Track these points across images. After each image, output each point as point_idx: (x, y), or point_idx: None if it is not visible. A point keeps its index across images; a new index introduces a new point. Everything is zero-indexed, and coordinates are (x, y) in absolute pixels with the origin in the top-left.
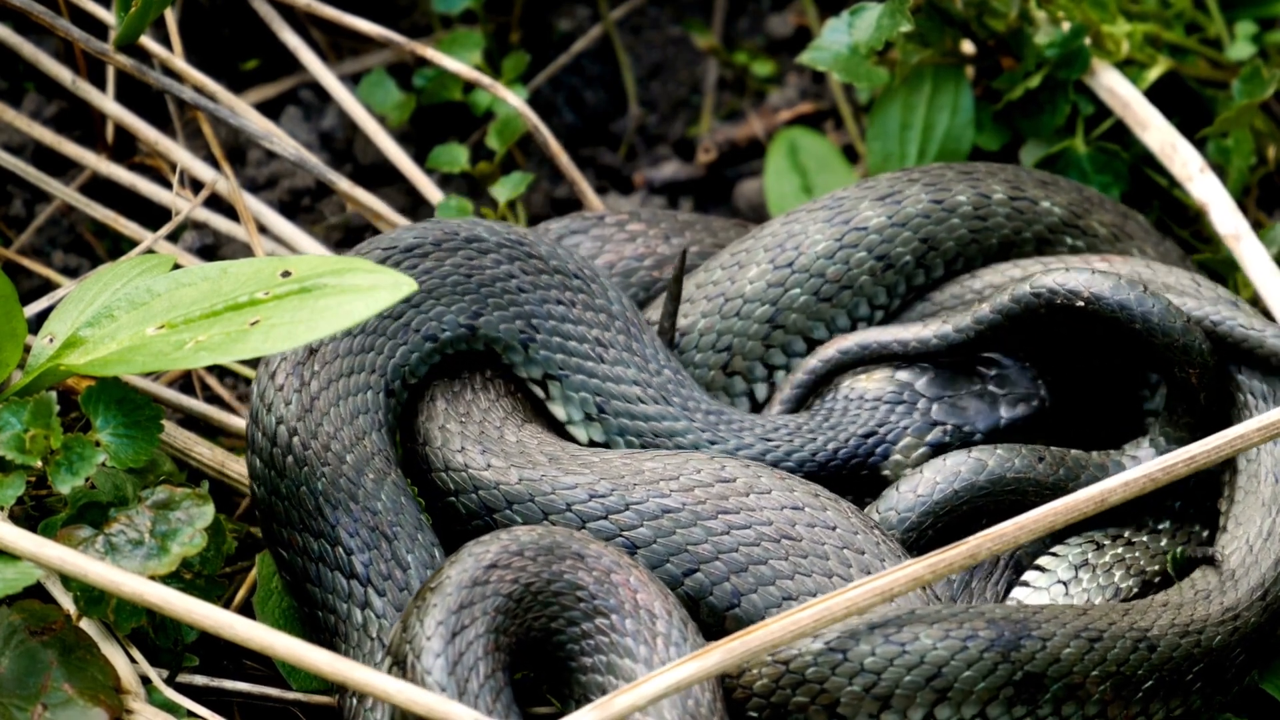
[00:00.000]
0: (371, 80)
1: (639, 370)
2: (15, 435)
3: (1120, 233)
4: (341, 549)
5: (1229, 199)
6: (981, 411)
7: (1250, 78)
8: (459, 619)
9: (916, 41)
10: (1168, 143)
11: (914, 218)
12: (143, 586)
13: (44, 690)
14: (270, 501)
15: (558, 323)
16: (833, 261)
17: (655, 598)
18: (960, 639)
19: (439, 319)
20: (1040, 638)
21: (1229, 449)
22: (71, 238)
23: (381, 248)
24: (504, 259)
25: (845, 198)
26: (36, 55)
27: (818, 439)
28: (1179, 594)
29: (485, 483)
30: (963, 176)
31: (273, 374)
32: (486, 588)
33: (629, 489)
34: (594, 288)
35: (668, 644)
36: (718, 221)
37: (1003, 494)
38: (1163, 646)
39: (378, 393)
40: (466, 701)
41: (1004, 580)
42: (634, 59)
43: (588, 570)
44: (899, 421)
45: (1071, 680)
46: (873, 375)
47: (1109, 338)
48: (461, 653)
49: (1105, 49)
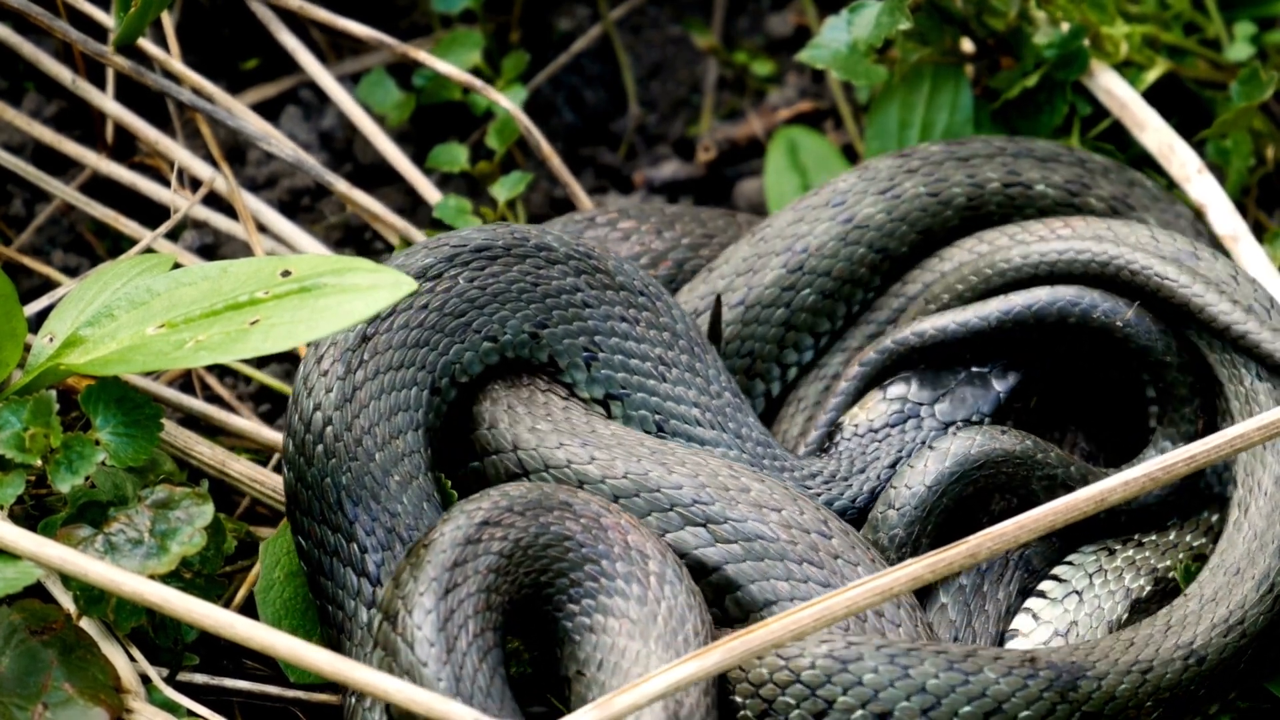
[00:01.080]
0: (371, 80)
1: (699, 392)
2: (15, 434)
3: (1122, 205)
4: (356, 546)
5: (1227, 200)
6: (979, 394)
7: (1248, 80)
8: (451, 576)
9: (916, 40)
10: (1165, 144)
11: (911, 212)
12: (142, 586)
13: (44, 689)
14: (296, 488)
15: (621, 340)
16: (838, 260)
17: (647, 539)
18: (1021, 677)
19: (501, 322)
20: (1095, 677)
21: (1229, 448)
22: (71, 237)
23: (451, 245)
24: (571, 271)
25: (847, 192)
26: (36, 55)
27: (852, 485)
28: (1212, 585)
29: (591, 477)
30: (960, 165)
31: (320, 357)
32: (479, 545)
33: (732, 503)
34: (658, 305)
35: (661, 582)
36: (705, 212)
37: (1000, 472)
38: (1210, 655)
39: (422, 390)
40: (454, 660)
41: (1015, 582)
42: (634, 58)
43: (576, 519)
44: (913, 438)
45: (1127, 715)
46: (865, 405)
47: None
48: (453, 610)
49: (1104, 50)
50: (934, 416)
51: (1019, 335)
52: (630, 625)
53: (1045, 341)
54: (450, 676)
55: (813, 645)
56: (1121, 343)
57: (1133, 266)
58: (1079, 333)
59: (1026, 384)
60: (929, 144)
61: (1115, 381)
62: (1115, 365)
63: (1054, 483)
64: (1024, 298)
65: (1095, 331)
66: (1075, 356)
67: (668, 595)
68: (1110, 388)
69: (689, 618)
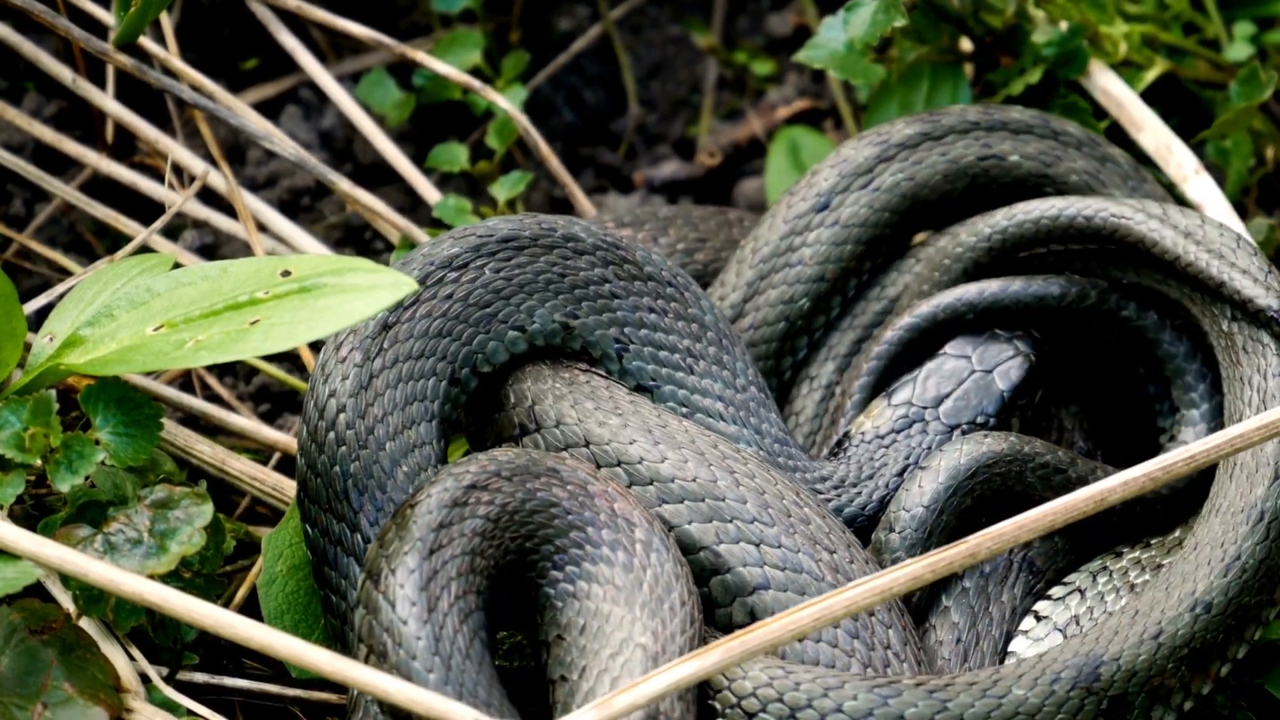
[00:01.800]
0: (371, 79)
1: (725, 386)
2: (15, 434)
3: (1095, 181)
4: (360, 536)
5: (1224, 200)
6: (983, 394)
7: (1248, 80)
8: (436, 537)
9: (913, 38)
10: (1163, 144)
11: (894, 199)
12: (142, 585)
13: (44, 689)
14: (307, 475)
15: (650, 331)
16: (829, 263)
17: (634, 507)
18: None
19: (529, 313)
20: (1113, 659)
21: (1229, 448)
22: (71, 237)
23: (477, 235)
24: (599, 262)
25: (831, 191)
26: (36, 54)
27: (862, 493)
28: (1205, 531)
29: (663, 476)
30: (934, 146)
31: (339, 344)
32: (465, 509)
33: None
34: (686, 296)
35: (648, 549)
36: (698, 211)
37: (994, 475)
38: (1216, 599)
39: (441, 380)
40: (434, 620)
41: (1019, 584)
42: (634, 58)
43: (563, 485)
44: (920, 443)
45: (1152, 684)
46: (871, 411)
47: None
48: (436, 570)
49: (1103, 50)
50: (939, 419)
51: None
52: (614, 591)
53: (1052, 328)
54: (430, 636)
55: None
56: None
57: (1086, 213)
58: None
59: (1031, 381)
60: (910, 128)
61: (1116, 376)
62: (1121, 354)
63: (1048, 471)
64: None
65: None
66: (1089, 348)
67: (654, 563)
68: (1108, 384)
69: (675, 586)
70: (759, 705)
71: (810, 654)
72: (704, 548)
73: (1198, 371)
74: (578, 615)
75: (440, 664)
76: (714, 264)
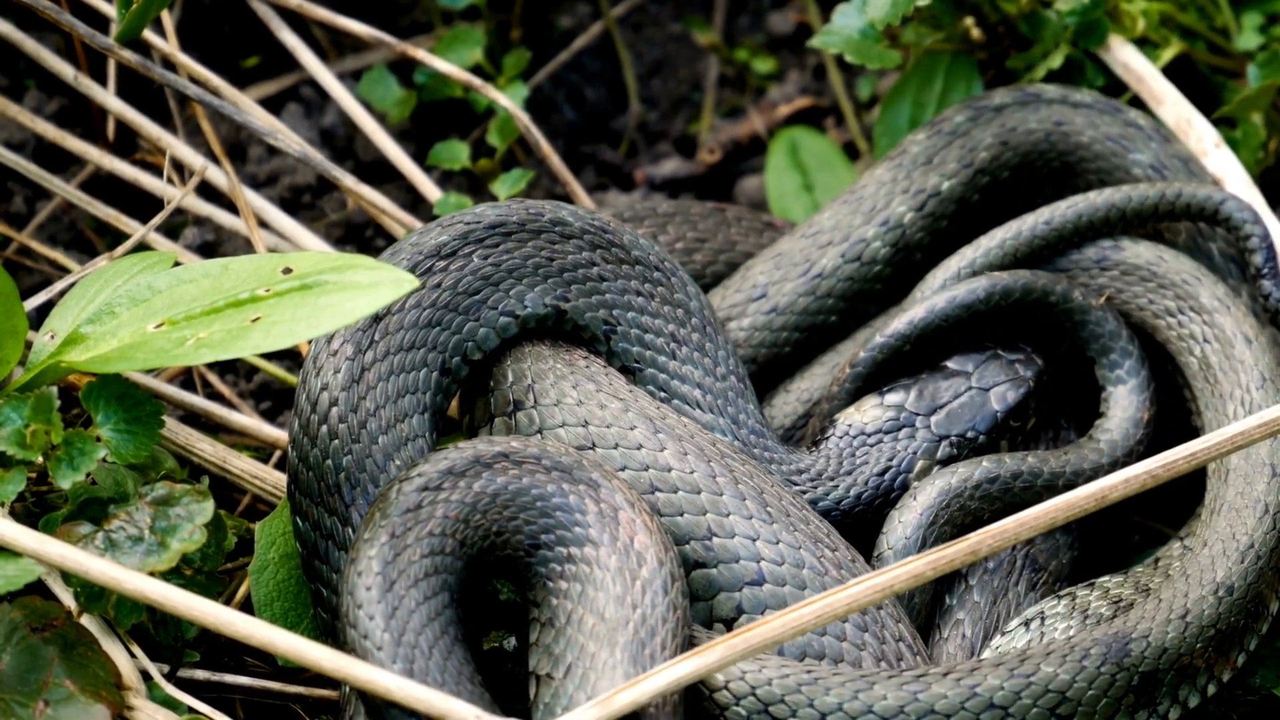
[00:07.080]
0: (372, 77)
1: (705, 373)
2: (16, 431)
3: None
4: (351, 530)
5: (1244, 174)
6: (977, 411)
7: (1268, 62)
8: (404, 521)
9: (929, 23)
10: (1183, 118)
11: (900, 228)
12: (143, 583)
13: (45, 687)
14: (298, 468)
15: (637, 314)
16: (838, 279)
17: (617, 490)
18: (1076, 660)
19: (520, 297)
20: (1142, 637)
21: (1229, 445)
22: (73, 234)
23: (465, 222)
24: (586, 245)
25: (839, 224)
26: (38, 51)
27: (838, 486)
28: (1216, 531)
29: (660, 464)
30: (930, 171)
31: (330, 337)
32: (439, 493)
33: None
34: (673, 281)
35: (632, 530)
36: (696, 209)
37: (973, 498)
38: (1238, 584)
39: (432, 371)
40: (389, 601)
41: (1024, 579)
42: (635, 56)
43: (546, 471)
44: (906, 448)
45: (1181, 662)
46: (861, 407)
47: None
48: (399, 553)
49: (1122, 25)
50: (929, 428)
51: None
52: (602, 575)
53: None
54: (383, 615)
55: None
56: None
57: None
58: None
59: (1026, 405)
60: (905, 155)
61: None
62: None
63: (1035, 479)
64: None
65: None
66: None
67: (638, 548)
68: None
69: (660, 574)
70: (788, 711)
71: (815, 648)
72: (694, 539)
73: (1122, 349)
74: (560, 607)
75: (391, 641)
76: (712, 265)
